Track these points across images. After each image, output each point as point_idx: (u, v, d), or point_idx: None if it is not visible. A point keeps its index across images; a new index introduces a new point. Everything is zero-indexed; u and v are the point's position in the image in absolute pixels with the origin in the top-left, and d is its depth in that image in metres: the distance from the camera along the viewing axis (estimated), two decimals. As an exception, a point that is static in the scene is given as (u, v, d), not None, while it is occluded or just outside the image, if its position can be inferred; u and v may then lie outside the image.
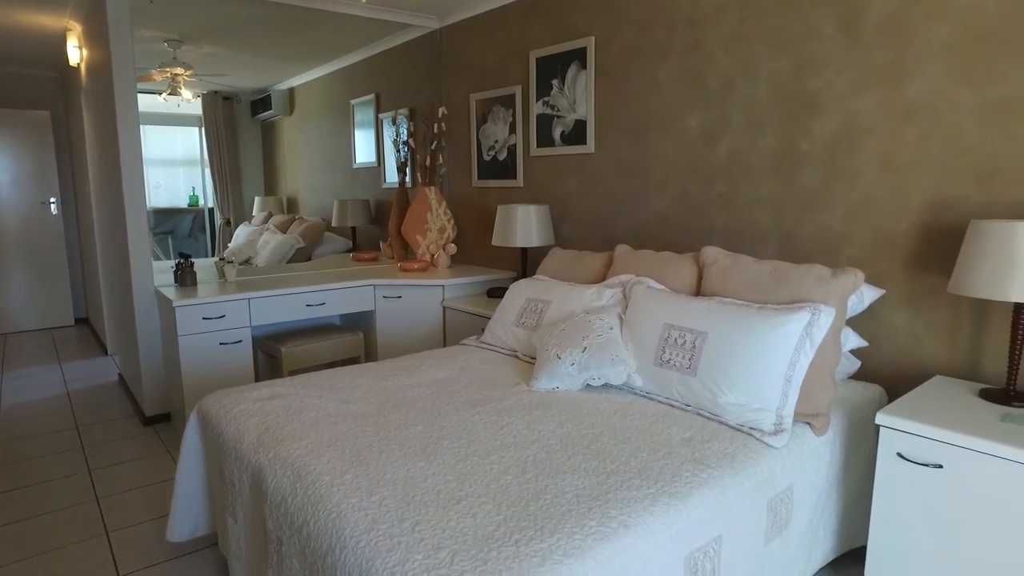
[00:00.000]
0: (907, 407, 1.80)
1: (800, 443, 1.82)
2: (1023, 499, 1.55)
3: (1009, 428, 1.66)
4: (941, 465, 1.67)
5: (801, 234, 2.46)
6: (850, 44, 2.28)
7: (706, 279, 2.23)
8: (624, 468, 1.58)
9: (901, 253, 2.21)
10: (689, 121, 2.81)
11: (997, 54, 1.98)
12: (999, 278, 1.72)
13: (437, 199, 4.01)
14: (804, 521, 1.86)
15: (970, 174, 2.05)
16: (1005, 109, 1.97)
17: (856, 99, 2.28)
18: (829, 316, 1.87)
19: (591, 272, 2.67)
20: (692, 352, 1.96)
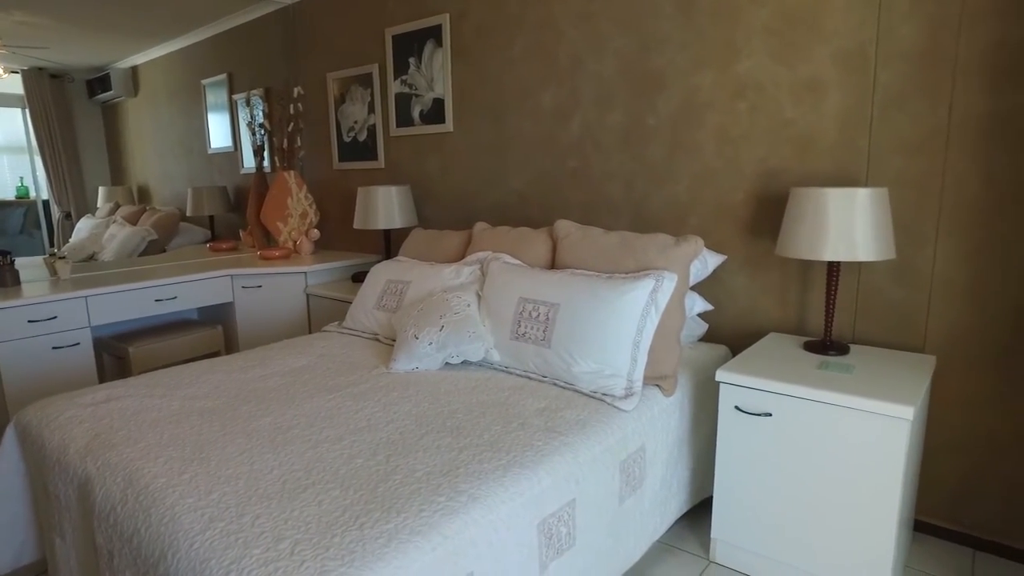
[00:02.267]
0: (742, 364, 1.93)
1: (650, 404, 1.91)
2: (836, 435, 1.71)
3: (825, 375, 1.82)
4: (771, 413, 1.81)
5: (651, 206, 2.57)
6: (688, 23, 2.39)
7: (559, 252, 2.28)
8: (476, 442, 1.59)
9: (739, 220, 2.36)
10: (543, 98, 2.84)
11: (805, 37, 2.14)
12: (815, 240, 1.88)
13: (297, 183, 3.84)
14: (658, 478, 1.95)
15: (791, 146, 2.22)
16: (813, 87, 2.15)
17: (695, 76, 2.40)
18: (672, 282, 1.97)
19: (451, 251, 2.66)
20: (546, 324, 2.00)
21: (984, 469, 2.03)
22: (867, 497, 1.69)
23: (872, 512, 1.69)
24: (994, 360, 1.97)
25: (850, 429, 1.69)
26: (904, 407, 1.60)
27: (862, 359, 1.96)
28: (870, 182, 2.08)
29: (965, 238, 1.96)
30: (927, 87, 1.97)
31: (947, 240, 1.99)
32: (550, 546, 1.51)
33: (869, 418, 1.65)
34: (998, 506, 2.03)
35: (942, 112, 1.95)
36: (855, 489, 1.70)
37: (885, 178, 2.06)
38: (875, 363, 1.92)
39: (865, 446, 1.67)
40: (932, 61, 1.95)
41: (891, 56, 2.01)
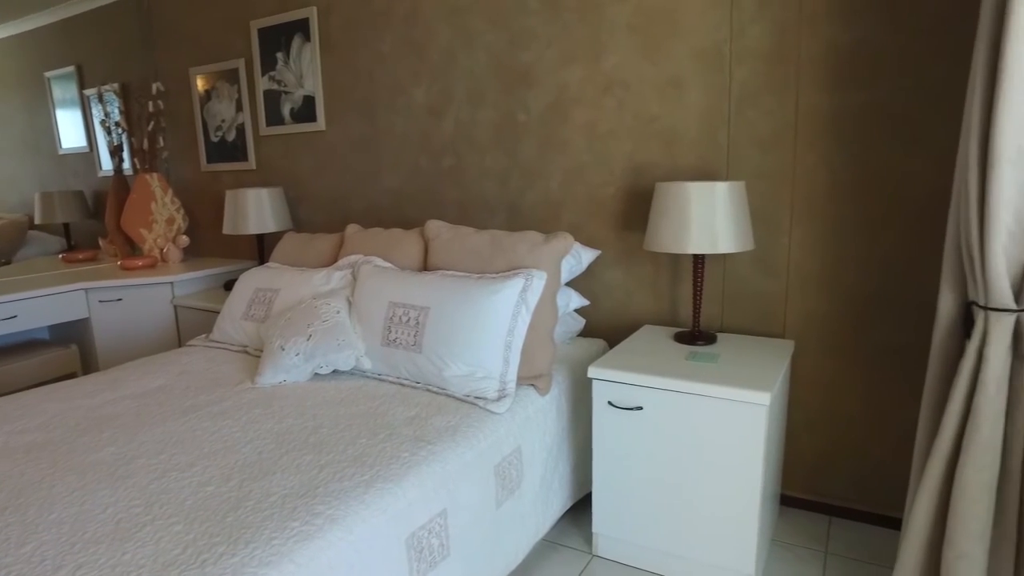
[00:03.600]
0: (614, 359, 1.95)
1: (525, 405, 1.89)
2: (702, 423, 1.76)
3: (692, 366, 1.87)
4: (642, 407, 1.84)
5: (525, 202, 2.56)
6: (554, 20, 2.39)
7: (431, 253, 2.22)
8: (339, 458, 1.51)
9: (611, 215, 2.39)
10: (415, 95, 2.77)
11: (666, 35, 2.19)
12: (679, 234, 1.92)
13: (161, 187, 3.57)
14: (537, 478, 1.94)
15: (657, 141, 2.26)
16: (676, 83, 2.20)
17: (563, 72, 2.41)
18: (541, 280, 1.96)
19: (322, 255, 2.54)
20: (416, 328, 1.94)
21: (838, 443, 2.16)
22: (732, 480, 1.75)
23: (737, 493, 1.75)
24: (843, 342, 2.09)
25: (714, 417, 1.74)
26: (761, 394, 1.66)
27: (728, 347, 2.03)
28: (730, 176, 2.16)
29: (815, 227, 2.07)
30: (776, 85, 2.06)
31: (800, 230, 2.09)
32: (421, 559, 1.46)
33: (731, 406, 1.71)
34: (850, 476, 2.16)
35: (790, 109, 2.05)
36: (721, 473, 1.76)
37: (743, 171, 2.14)
38: (739, 351, 2.00)
39: (728, 432, 1.73)
40: (779, 61, 2.04)
41: (744, 55, 2.09)
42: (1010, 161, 1.32)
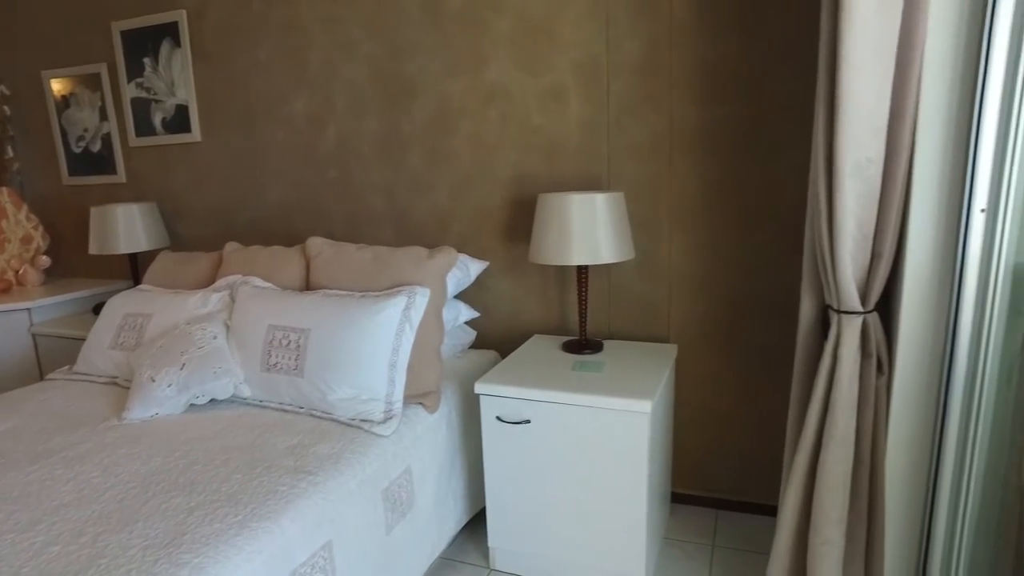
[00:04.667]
0: (501, 374, 1.95)
1: (413, 425, 1.86)
2: (588, 433, 1.79)
3: (578, 376, 1.90)
4: (529, 420, 1.85)
5: (414, 215, 2.52)
6: (435, 30, 2.36)
7: (312, 272, 2.14)
8: (212, 498, 1.42)
9: (498, 226, 2.40)
10: (296, 105, 2.67)
11: (545, 47, 2.22)
12: (562, 245, 1.94)
13: (14, 203, 3.26)
14: (430, 497, 1.91)
15: (540, 151, 2.29)
16: (557, 95, 2.23)
17: (447, 83, 2.38)
18: (425, 297, 1.93)
19: (200, 276, 2.40)
20: (298, 352, 1.86)
21: (721, 439, 2.26)
22: (620, 486, 1.79)
23: (625, 499, 1.79)
24: (721, 343, 2.19)
25: (599, 426, 1.77)
26: (643, 402, 1.71)
27: (614, 355, 2.08)
28: (611, 184, 2.21)
29: (691, 233, 2.16)
30: (651, 97, 2.12)
31: (678, 236, 2.17)
32: (305, 598, 1.40)
33: (614, 415, 1.75)
34: (734, 469, 2.27)
35: (664, 120, 2.12)
36: (609, 480, 1.80)
37: (623, 180, 2.20)
38: (625, 358, 2.05)
39: (613, 440, 1.77)
40: (653, 74, 2.11)
41: (620, 68, 2.14)
42: (850, 175, 1.41)
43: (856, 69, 1.35)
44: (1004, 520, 1.49)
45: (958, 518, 1.49)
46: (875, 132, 1.40)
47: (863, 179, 1.43)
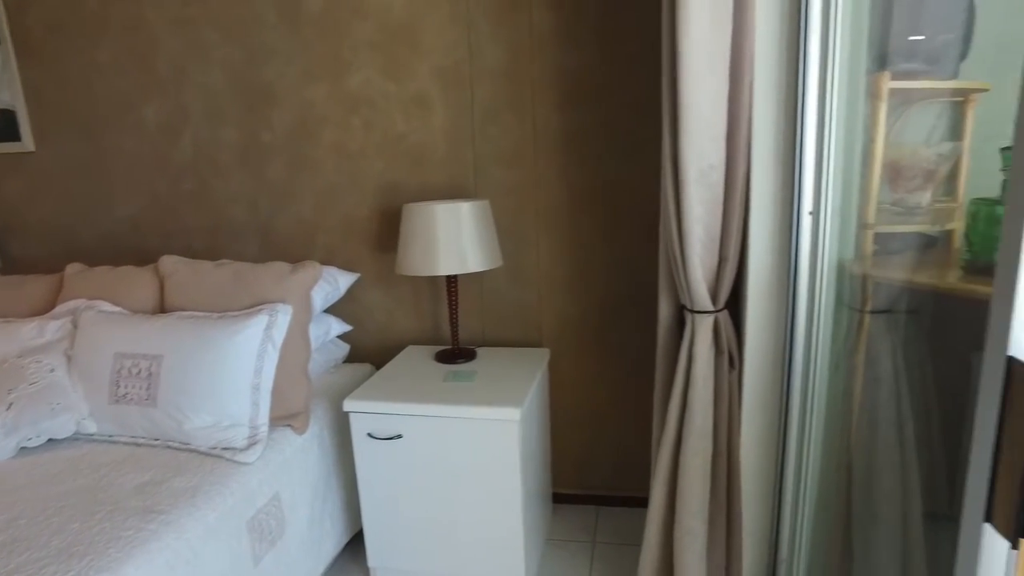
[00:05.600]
0: (372, 389, 1.90)
1: (281, 448, 1.78)
2: (460, 444, 1.78)
3: (449, 386, 1.88)
4: (401, 435, 1.82)
5: (278, 227, 2.42)
6: (294, 35, 2.26)
7: (167, 293, 2.00)
8: (40, 555, 1.29)
9: (367, 237, 2.34)
10: (145, 112, 2.48)
11: (408, 53, 2.18)
12: (429, 255, 1.92)
13: None
14: (303, 521, 1.84)
15: (406, 159, 2.25)
16: (421, 102, 2.20)
17: (308, 90, 2.30)
18: (287, 315, 1.85)
19: (36, 301, 2.18)
20: (149, 380, 1.73)
21: (597, 437, 2.33)
22: (495, 494, 1.79)
23: (501, 507, 1.80)
24: (592, 344, 2.25)
25: (471, 436, 1.77)
26: (512, 410, 1.72)
27: (486, 363, 2.08)
28: (478, 191, 2.21)
29: (559, 238, 2.20)
30: (515, 104, 2.14)
31: (546, 241, 2.21)
32: (158, 648, 1.30)
33: (485, 424, 1.75)
34: (611, 465, 2.34)
35: (528, 126, 2.14)
36: (484, 490, 1.80)
37: (490, 187, 2.20)
38: (498, 365, 2.05)
39: (485, 449, 1.77)
40: (516, 81, 2.13)
41: (483, 74, 2.15)
42: (695, 182, 1.48)
43: (694, 81, 1.42)
44: (836, 495, 1.62)
45: (800, 498, 1.60)
46: (715, 140, 1.48)
47: (707, 186, 1.51)
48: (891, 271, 1.61)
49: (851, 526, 1.63)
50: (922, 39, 1.56)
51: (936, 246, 1.65)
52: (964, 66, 1.53)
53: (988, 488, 0.65)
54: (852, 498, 1.64)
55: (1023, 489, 0.59)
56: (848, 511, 1.64)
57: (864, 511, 1.61)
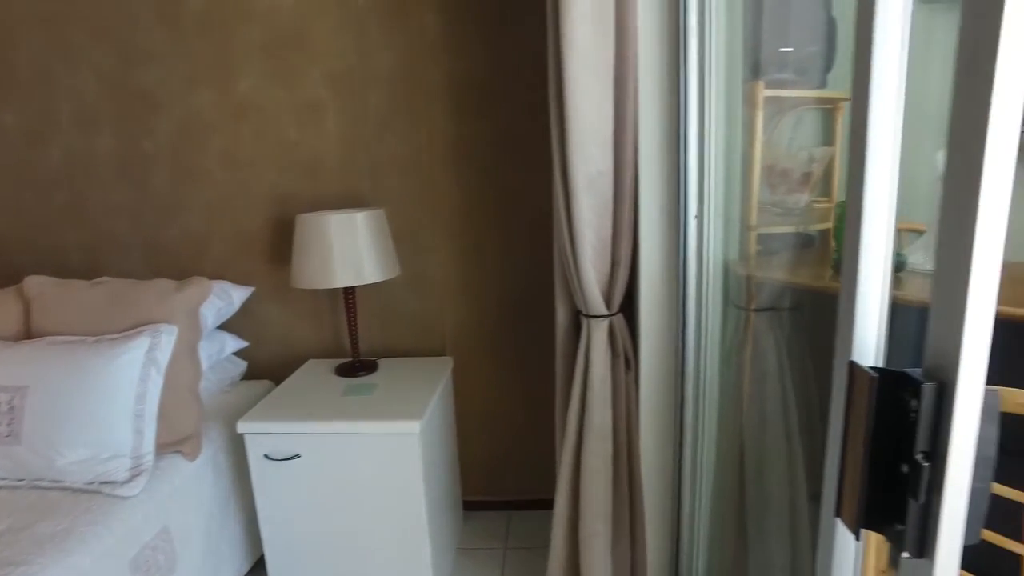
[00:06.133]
0: (267, 408, 1.83)
1: (170, 476, 1.67)
2: (360, 460, 1.74)
3: (348, 401, 1.83)
4: (299, 455, 1.75)
5: (165, 240, 2.28)
6: (175, 38, 2.14)
7: (34, 316, 1.85)
8: None
9: (262, 249, 2.25)
10: (5, 118, 2.29)
11: (299, 58, 2.11)
12: (324, 267, 1.86)
13: None
14: (197, 552, 1.74)
15: (300, 168, 2.18)
16: (313, 108, 2.14)
17: (192, 96, 2.18)
18: (172, 335, 1.75)
19: None
20: (11, 415, 1.59)
21: (506, 441, 2.33)
22: (399, 509, 1.76)
23: (406, 521, 1.76)
24: (496, 349, 2.25)
25: (371, 452, 1.73)
26: (411, 423, 1.69)
27: (388, 375, 2.04)
28: (375, 200, 2.17)
29: (458, 245, 2.18)
30: (409, 111, 2.11)
31: (445, 248, 2.19)
32: None
33: (385, 439, 1.71)
34: (522, 469, 2.35)
35: (423, 133, 2.12)
36: (388, 505, 1.76)
37: (387, 195, 2.16)
38: (399, 377, 2.02)
39: (387, 464, 1.73)
40: (410, 87, 2.10)
41: (377, 81, 2.10)
42: (584, 189, 1.50)
43: (580, 90, 1.44)
44: (730, 484, 1.69)
45: (697, 490, 1.66)
46: (602, 147, 1.50)
47: (596, 192, 1.53)
48: (773, 270, 1.69)
49: (745, 512, 1.70)
50: (791, 51, 1.65)
51: (814, 245, 1.75)
52: (831, 76, 1.62)
53: (837, 484, 0.68)
54: (745, 486, 1.71)
55: (864, 484, 0.62)
56: (742, 499, 1.71)
57: (756, 497, 1.68)
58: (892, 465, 0.60)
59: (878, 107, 0.63)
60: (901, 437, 0.58)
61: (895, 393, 0.58)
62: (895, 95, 0.64)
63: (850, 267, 0.68)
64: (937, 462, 0.56)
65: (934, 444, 0.56)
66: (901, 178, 0.67)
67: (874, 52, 0.62)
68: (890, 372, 0.59)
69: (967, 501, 0.56)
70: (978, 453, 0.55)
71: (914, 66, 0.65)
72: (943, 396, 0.55)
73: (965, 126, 0.47)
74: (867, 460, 0.61)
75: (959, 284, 0.49)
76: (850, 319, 0.68)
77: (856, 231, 0.67)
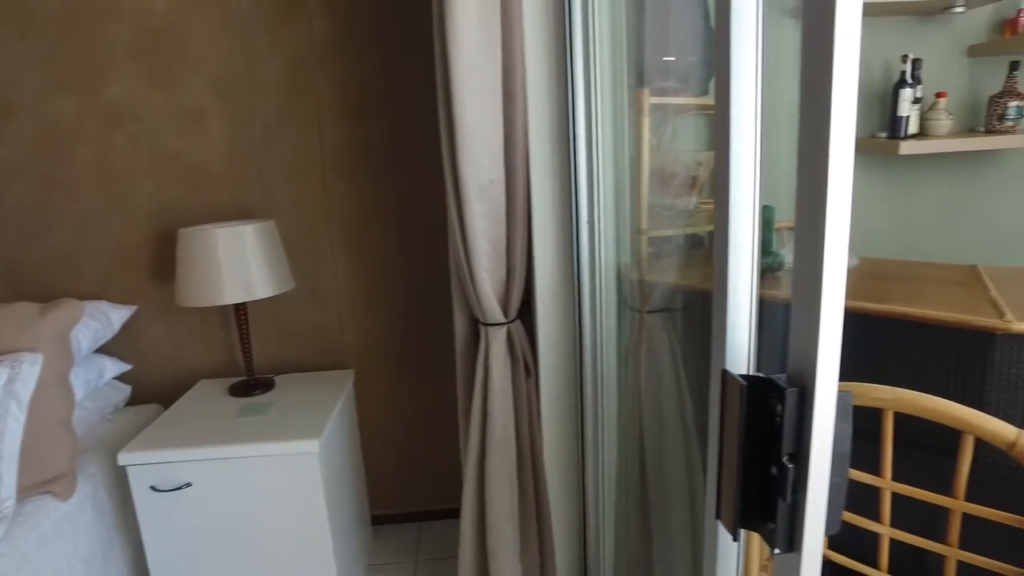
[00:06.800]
0: (152, 436, 1.71)
1: (38, 520, 1.53)
2: (258, 484, 1.66)
3: (243, 423, 1.75)
4: (190, 483, 1.65)
5: (30, 260, 2.09)
6: (29, 37, 1.97)
7: None
8: None
9: (143, 265, 2.10)
10: None
11: (177, 62, 1.99)
12: (211, 284, 1.76)
13: None
14: (77, 597, 1.60)
15: (184, 179, 2.06)
16: (196, 115, 2.02)
17: (54, 101, 2.01)
18: (35, 365, 1.60)
19: None
20: None
21: (413, 452, 2.29)
22: (302, 531, 1.69)
23: (309, 543, 1.70)
24: (399, 359, 2.21)
25: (268, 475, 1.65)
26: (310, 441, 1.63)
27: (285, 392, 1.96)
28: (267, 211, 2.08)
29: (356, 254, 2.13)
30: (299, 117, 2.04)
31: (342, 258, 2.13)
32: None
33: (282, 460, 1.64)
34: (430, 479, 2.32)
35: (315, 140, 2.05)
36: (289, 528, 1.69)
37: (279, 205, 2.08)
38: (297, 393, 1.94)
39: (286, 486, 1.66)
40: (299, 93, 2.02)
41: (263, 87, 2.01)
42: (476, 198, 1.50)
43: (468, 98, 1.43)
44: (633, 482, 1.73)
45: (600, 490, 1.69)
46: (492, 156, 1.50)
47: (488, 200, 1.53)
48: (664, 272, 1.74)
49: (648, 510, 1.75)
50: (674, 60, 1.71)
51: (703, 246, 1.82)
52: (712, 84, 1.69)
53: (716, 488, 0.70)
54: (647, 483, 1.76)
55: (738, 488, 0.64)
56: (644, 497, 1.76)
57: (658, 495, 1.73)
58: (764, 467, 0.62)
59: (738, 113, 0.65)
60: (770, 441, 0.61)
61: (764, 399, 0.61)
62: (753, 100, 0.66)
63: (720, 279, 0.70)
64: (801, 463, 0.58)
65: (798, 446, 0.58)
66: (788, 180, 0.70)
67: (731, 62, 0.64)
68: (758, 379, 0.62)
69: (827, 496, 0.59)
70: (835, 450, 0.58)
71: (781, 74, 0.69)
72: (804, 400, 0.58)
73: (810, 125, 0.49)
74: (741, 464, 0.64)
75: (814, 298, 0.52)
76: (722, 328, 0.71)
77: (724, 249, 0.69)
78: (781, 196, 1.30)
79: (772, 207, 1.72)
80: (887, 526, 0.96)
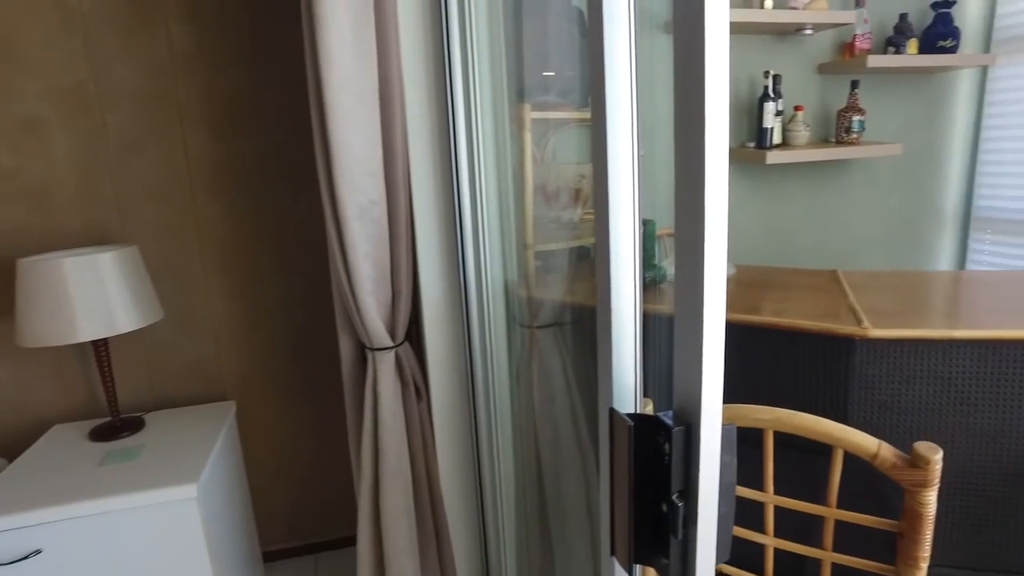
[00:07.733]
0: (-5, 494, 1.52)
1: None
2: (127, 539, 1.51)
3: (107, 471, 1.58)
4: (41, 550, 1.47)
5: None
6: None
7: None
8: None
9: (-22, 299, 1.87)
10: None
11: (6, 69, 1.78)
12: (62, 320, 1.58)
13: None
14: None
15: (23, 201, 1.84)
16: (33, 129, 1.82)
17: None
18: None
19: None
20: None
21: (306, 482, 2.18)
22: (181, 585, 1.55)
23: (191, 597, 1.57)
24: (285, 387, 2.09)
25: (139, 529, 1.50)
26: (187, 486, 1.50)
27: (157, 431, 1.80)
28: (128, 235, 1.90)
29: (232, 278, 1.99)
30: (160, 131, 1.88)
31: (217, 283, 1.98)
32: None
33: (156, 509, 1.50)
34: (326, 508, 2.22)
35: (179, 156, 1.90)
36: (167, 583, 1.55)
37: (141, 228, 1.91)
38: (171, 432, 1.79)
39: (161, 537, 1.52)
40: (159, 104, 1.86)
41: (115, 97, 1.84)
42: (357, 219, 1.43)
43: (344, 117, 1.37)
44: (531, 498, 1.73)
45: (499, 509, 1.67)
46: (372, 176, 1.44)
47: (370, 221, 1.47)
48: (552, 286, 1.75)
49: (548, 525, 1.75)
50: (553, 75, 1.72)
51: (589, 257, 1.85)
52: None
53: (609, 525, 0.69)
54: (545, 501, 1.76)
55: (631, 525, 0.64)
56: (543, 512, 1.76)
57: (556, 511, 1.74)
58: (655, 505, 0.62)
59: (614, 124, 0.64)
60: (659, 479, 0.60)
61: (652, 436, 0.60)
62: (627, 110, 0.65)
63: (604, 318, 0.69)
64: (690, 500, 0.58)
65: (686, 482, 0.58)
66: (667, 193, 0.69)
67: (606, 76, 0.63)
68: (645, 419, 0.61)
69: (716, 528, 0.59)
70: (721, 482, 0.59)
71: (658, 85, 0.69)
72: (690, 438, 0.58)
73: (686, 133, 0.49)
74: (632, 502, 0.63)
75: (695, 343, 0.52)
76: (608, 367, 0.70)
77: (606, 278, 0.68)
78: (661, 211, 1.32)
79: (653, 221, 1.77)
80: (771, 536, 1.00)
